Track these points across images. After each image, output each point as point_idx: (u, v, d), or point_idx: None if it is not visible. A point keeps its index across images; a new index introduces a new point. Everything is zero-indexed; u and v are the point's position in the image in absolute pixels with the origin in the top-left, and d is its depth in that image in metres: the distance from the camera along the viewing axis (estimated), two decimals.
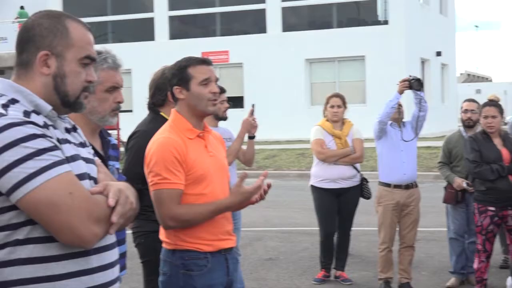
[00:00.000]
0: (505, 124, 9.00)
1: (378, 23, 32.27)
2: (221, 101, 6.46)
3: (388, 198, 7.47)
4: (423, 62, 33.23)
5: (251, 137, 6.89)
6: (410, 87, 7.25)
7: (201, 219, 3.68)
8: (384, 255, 7.55)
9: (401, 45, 30.33)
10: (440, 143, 9.22)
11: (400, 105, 7.51)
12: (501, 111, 7.06)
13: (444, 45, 35.29)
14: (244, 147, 6.91)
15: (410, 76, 7.38)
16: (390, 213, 7.47)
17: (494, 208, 6.85)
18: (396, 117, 7.51)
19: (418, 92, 7.32)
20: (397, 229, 7.65)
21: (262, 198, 3.74)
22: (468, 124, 7.89)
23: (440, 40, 34.99)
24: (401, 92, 7.24)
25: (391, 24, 31.18)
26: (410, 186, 7.52)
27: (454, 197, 7.80)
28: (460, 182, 7.64)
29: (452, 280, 7.92)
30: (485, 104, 7.07)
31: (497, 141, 6.98)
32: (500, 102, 7.22)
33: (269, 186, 3.75)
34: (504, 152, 6.90)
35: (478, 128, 7.54)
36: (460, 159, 7.69)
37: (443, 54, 34.64)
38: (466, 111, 7.92)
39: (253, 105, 6.84)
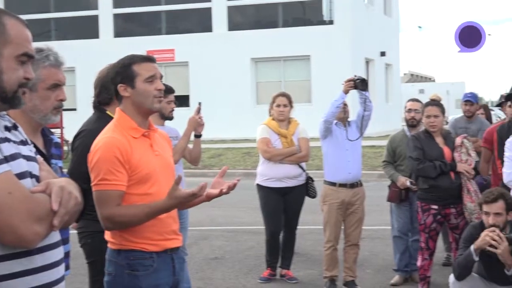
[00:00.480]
0: (447, 123, 9.13)
1: (323, 23, 32.51)
2: (168, 101, 6.46)
3: (333, 197, 7.51)
4: (367, 62, 33.59)
5: (198, 136, 6.86)
6: (355, 87, 7.30)
7: (137, 221, 3.62)
8: (329, 253, 7.59)
9: (346, 45, 30.61)
10: (384, 142, 9.31)
11: (345, 105, 7.56)
12: (443, 110, 7.16)
13: (388, 45, 35.72)
14: (190, 146, 6.87)
15: (355, 76, 7.43)
16: (335, 212, 7.51)
17: (437, 206, 6.93)
18: (342, 116, 7.56)
19: (363, 92, 7.38)
20: (342, 227, 7.70)
21: (223, 193, 3.65)
22: (412, 124, 7.98)
23: (384, 41, 35.41)
24: (346, 91, 7.29)
25: (336, 24, 31.45)
26: (355, 185, 7.58)
27: (398, 196, 7.88)
28: (404, 181, 7.72)
29: (396, 278, 8.00)
30: (428, 104, 7.16)
31: (439, 140, 7.08)
32: (442, 102, 7.32)
33: (235, 183, 3.65)
34: (446, 151, 7.00)
35: (421, 127, 7.64)
36: (404, 158, 7.77)
37: (387, 54, 35.08)
38: (409, 110, 8.01)
39: (199, 103, 6.81)
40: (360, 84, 7.30)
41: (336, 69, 28.83)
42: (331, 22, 32.03)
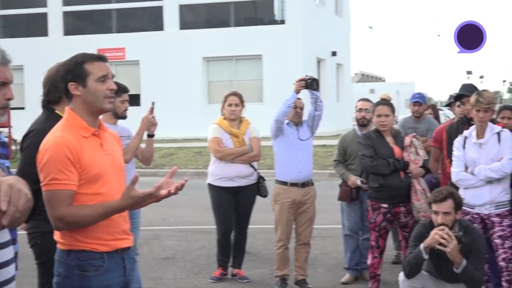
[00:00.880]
0: (396, 122, 9.22)
1: (275, 22, 32.59)
2: (122, 100, 6.44)
3: (285, 196, 7.53)
4: (319, 61, 33.75)
5: (150, 135, 6.83)
6: (307, 86, 7.32)
7: (90, 222, 3.58)
8: (280, 252, 7.60)
9: (297, 44, 30.72)
10: (335, 142, 9.37)
11: (301, 108, 7.59)
12: (393, 110, 7.23)
13: (339, 45, 35.94)
14: (143, 145, 6.83)
15: (307, 75, 7.45)
16: (286, 211, 7.53)
17: (387, 205, 6.99)
18: (295, 120, 7.58)
19: (314, 92, 7.41)
20: (293, 226, 7.72)
21: (171, 194, 3.64)
22: (363, 123, 8.05)
23: (336, 41, 35.62)
24: (297, 91, 7.31)
25: (288, 24, 31.55)
26: (306, 184, 7.61)
27: (349, 195, 7.94)
28: (355, 180, 7.78)
29: (347, 276, 8.06)
30: (379, 103, 7.22)
31: (389, 139, 7.14)
32: (392, 102, 7.39)
33: (183, 184, 3.63)
34: (396, 150, 7.07)
35: (372, 127, 7.71)
36: (355, 157, 7.83)
37: (338, 54, 35.28)
38: (360, 110, 8.08)
39: (153, 103, 6.76)
40: (311, 84, 7.32)
41: (288, 69, 28.95)
42: (282, 22, 32.12)
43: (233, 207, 8.00)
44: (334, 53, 34.95)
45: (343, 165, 8.11)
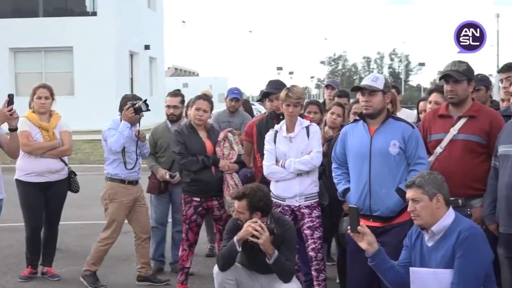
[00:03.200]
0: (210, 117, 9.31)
1: (86, 14, 32.00)
2: None
3: (124, 195, 7.49)
4: (131, 55, 33.51)
5: (13, 129, 6.52)
6: (135, 111, 7.28)
7: None
8: (105, 250, 7.57)
9: (110, 37, 30.33)
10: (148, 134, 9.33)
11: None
12: (211, 107, 7.31)
13: (152, 39, 35.87)
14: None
15: (133, 102, 7.36)
16: (124, 210, 7.51)
17: (198, 198, 7.05)
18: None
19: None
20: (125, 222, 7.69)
21: None
22: (172, 119, 8.07)
23: (149, 34, 35.52)
24: (129, 120, 7.27)
25: (100, 16, 31.08)
26: (137, 181, 7.66)
27: (157, 187, 7.97)
28: (163, 174, 7.81)
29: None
30: (200, 97, 7.27)
31: (202, 134, 7.20)
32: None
33: None
34: (208, 144, 7.13)
35: (183, 121, 7.76)
36: (165, 150, 7.89)
37: (151, 48, 35.21)
38: (168, 106, 8.10)
39: (9, 96, 6.19)
40: (142, 107, 7.33)
41: (100, 62, 28.55)
42: (94, 14, 31.59)
43: (43, 203, 7.79)
44: (147, 47, 34.84)
45: (154, 157, 8.09)
